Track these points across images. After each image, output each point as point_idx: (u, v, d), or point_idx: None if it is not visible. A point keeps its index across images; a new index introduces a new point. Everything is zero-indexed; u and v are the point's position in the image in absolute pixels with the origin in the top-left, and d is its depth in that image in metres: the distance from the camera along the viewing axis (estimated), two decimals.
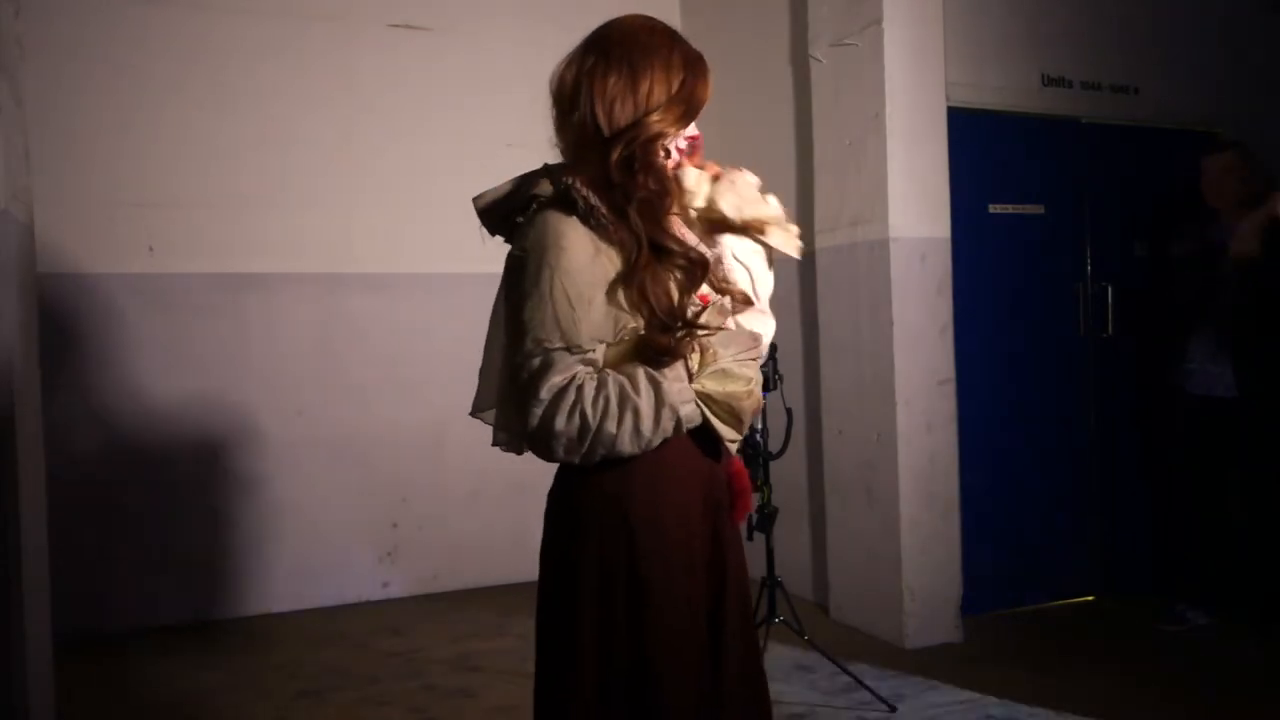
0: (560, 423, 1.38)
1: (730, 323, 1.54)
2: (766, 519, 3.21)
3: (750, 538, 3.19)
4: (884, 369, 3.78)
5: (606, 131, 1.47)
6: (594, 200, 1.41)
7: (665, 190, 1.49)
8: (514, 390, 1.44)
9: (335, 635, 4.11)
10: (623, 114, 1.47)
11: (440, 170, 4.59)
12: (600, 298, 1.41)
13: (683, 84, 1.51)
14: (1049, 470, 4.25)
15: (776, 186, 4.52)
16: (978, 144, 4.06)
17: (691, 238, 1.52)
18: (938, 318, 3.82)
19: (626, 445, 1.40)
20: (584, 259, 1.40)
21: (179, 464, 4.31)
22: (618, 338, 1.42)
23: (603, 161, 1.45)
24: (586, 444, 1.40)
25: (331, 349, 4.57)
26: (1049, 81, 4.27)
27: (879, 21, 3.73)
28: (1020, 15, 4.22)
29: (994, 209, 4.18)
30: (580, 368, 1.40)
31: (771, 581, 3.28)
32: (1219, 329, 3.84)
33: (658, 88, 1.49)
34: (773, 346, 3.25)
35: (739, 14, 4.88)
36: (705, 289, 1.51)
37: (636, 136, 1.46)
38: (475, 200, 1.56)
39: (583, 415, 1.38)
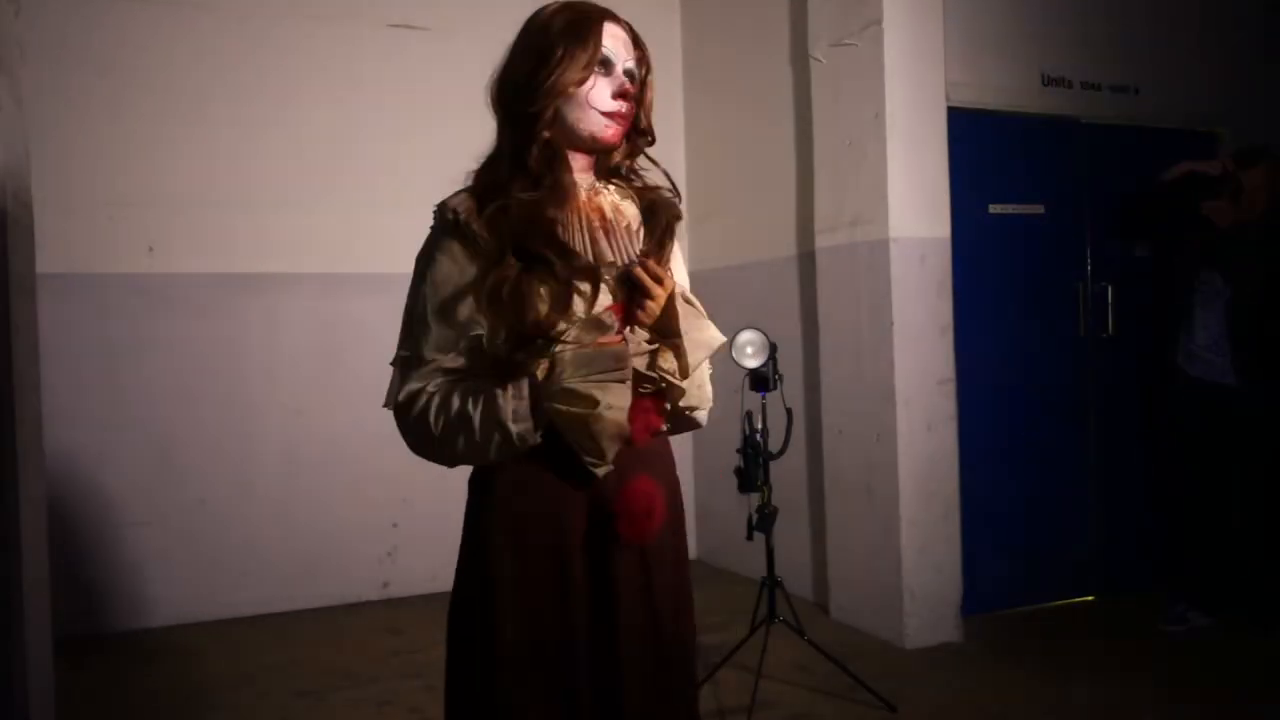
0: (408, 428, 1.48)
1: (635, 339, 1.47)
2: (766, 519, 3.21)
3: (750, 538, 3.20)
4: (884, 369, 3.78)
5: (499, 117, 1.51)
6: (463, 214, 1.44)
7: (556, 184, 1.46)
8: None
9: (335, 635, 4.11)
10: (503, 95, 1.50)
11: (440, 170, 4.57)
12: (462, 309, 1.43)
13: (563, 30, 1.47)
14: (1049, 470, 4.25)
15: (776, 186, 4.54)
16: (978, 144, 4.06)
17: (587, 244, 1.47)
18: (938, 318, 3.82)
19: (470, 457, 1.46)
20: (451, 271, 1.44)
21: (179, 464, 4.31)
22: (461, 348, 1.44)
23: (502, 163, 1.48)
24: (434, 450, 1.48)
25: (331, 349, 4.58)
26: (1049, 81, 4.27)
27: (879, 21, 3.73)
28: (1020, 15, 4.22)
29: (994, 209, 4.18)
30: (439, 378, 1.45)
31: (771, 581, 3.28)
32: (1219, 318, 3.85)
33: (529, 59, 1.48)
34: (772, 346, 3.25)
35: (739, 14, 4.88)
36: (614, 301, 1.46)
37: (519, 114, 1.47)
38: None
39: (426, 424, 1.45)
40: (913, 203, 3.78)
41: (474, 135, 2.05)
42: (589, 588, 1.48)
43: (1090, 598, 4.30)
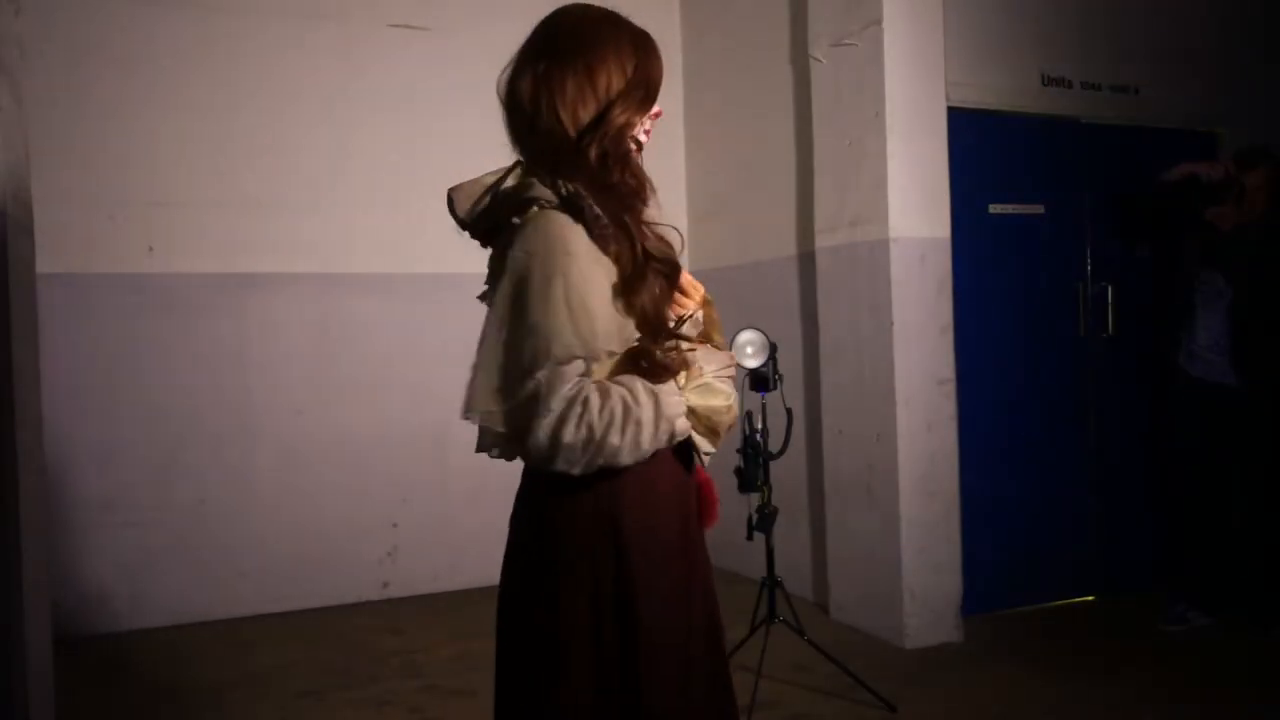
0: (568, 434, 1.35)
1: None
2: (766, 519, 3.21)
3: (750, 538, 3.20)
4: (884, 369, 3.78)
5: (574, 133, 1.44)
6: (598, 210, 1.38)
7: (641, 185, 1.47)
8: (517, 397, 1.38)
9: (335, 635, 4.11)
10: (586, 113, 1.44)
11: (440, 170, 4.56)
12: (609, 307, 1.39)
13: (637, 68, 1.47)
14: (1049, 470, 4.25)
15: (777, 186, 4.54)
16: (978, 144, 4.06)
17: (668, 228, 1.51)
18: (938, 318, 3.82)
19: (626, 457, 1.39)
20: (591, 267, 1.38)
21: (179, 464, 4.31)
22: (622, 346, 1.42)
23: (580, 164, 1.43)
24: (589, 455, 1.37)
25: (331, 349, 4.57)
26: (1049, 81, 4.27)
27: (879, 21, 3.73)
28: (1020, 15, 4.22)
29: (994, 209, 4.18)
30: (585, 380, 1.38)
31: (771, 581, 3.28)
32: (1220, 318, 3.85)
33: (615, 78, 1.45)
34: (773, 346, 3.25)
35: (739, 14, 4.88)
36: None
37: (606, 132, 1.44)
38: (456, 204, 1.51)
39: (589, 427, 1.35)
40: (913, 203, 3.78)
41: (473, 135, 2.05)
42: (703, 574, 1.54)
43: (1090, 598, 4.30)
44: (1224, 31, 4.64)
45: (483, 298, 1.52)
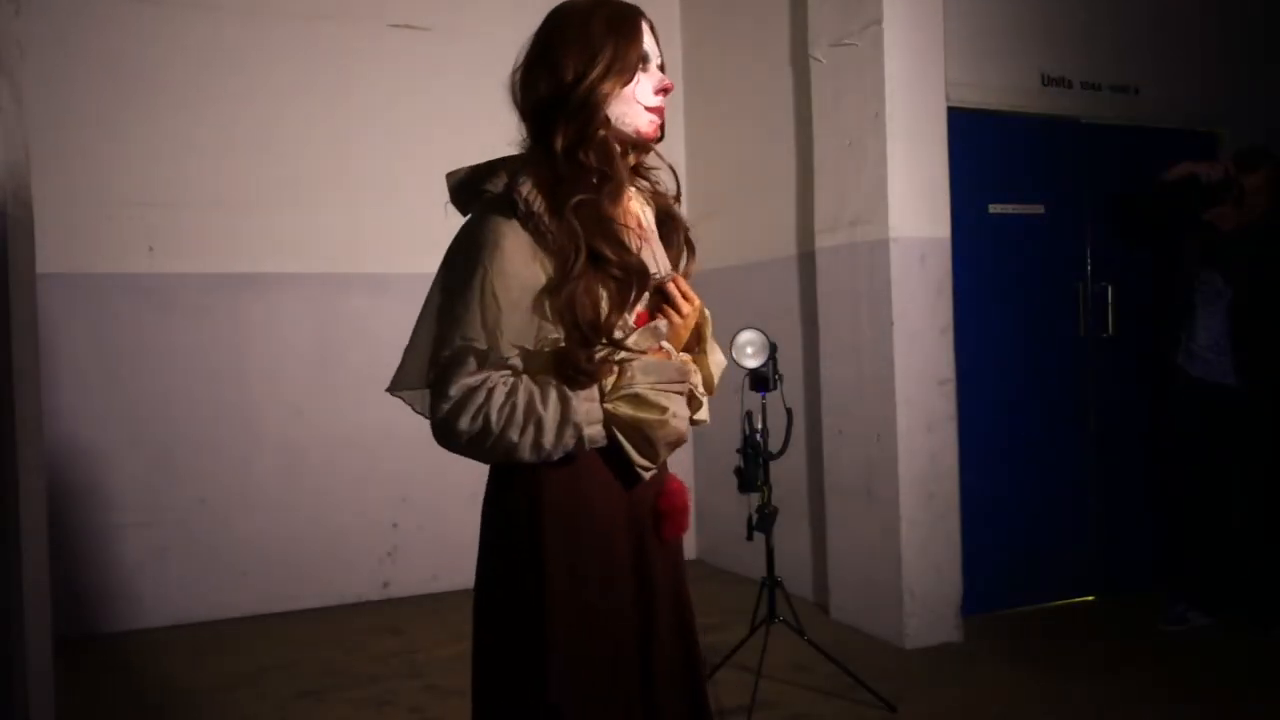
0: (464, 422, 1.38)
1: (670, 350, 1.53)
2: (766, 519, 3.21)
3: (750, 538, 3.20)
4: (884, 369, 3.78)
5: (542, 119, 1.44)
6: (536, 206, 1.39)
7: (614, 177, 1.45)
8: (429, 379, 1.45)
9: (335, 635, 4.11)
10: (550, 91, 1.44)
11: (440, 170, 4.55)
12: (528, 303, 1.39)
13: (605, 43, 1.45)
14: (1049, 470, 4.25)
15: (777, 186, 4.54)
16: (978, 144, 4.06)
17: (635, 248, 1.48)
18: (938, 318, 3.82)
19: (526, 454, 1.40)
20: (519, 263, 1.38)
21: (179, 464, 4.31)
22: (537, 346, 1.41)
23: (550, 149, 1.43)
24: (486, 446, 1.40)
25: (331, 349, 4.58)
26: (1049, 81, 4.27)
27: (879, 21, 3.73)
28: (1020, 15, 4.22)
29: (994, 209, 4.18)
30: (495, 372, 1.39)
31: (771, 581, 3.28)
32: (1220, 318, 3.85)
33: (577, 58, 1.44)
34: (772, 346, 3.25)
35: (739, 14, 4.88)
36: (643, 307, 1.50)
37: (569, 111, 1.42)
38: (449, 176, 1.55)
39: (486, 418, 1.38)
40: (913, 203, 3.78)
41: (474, 135, 2.05)
42: (633, 583, 1.52)
43: (1090, 598, 4.30)
44: (1224, 31, 4.64)
45: None
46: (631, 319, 1.47)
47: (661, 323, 1.50)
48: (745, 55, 4.83)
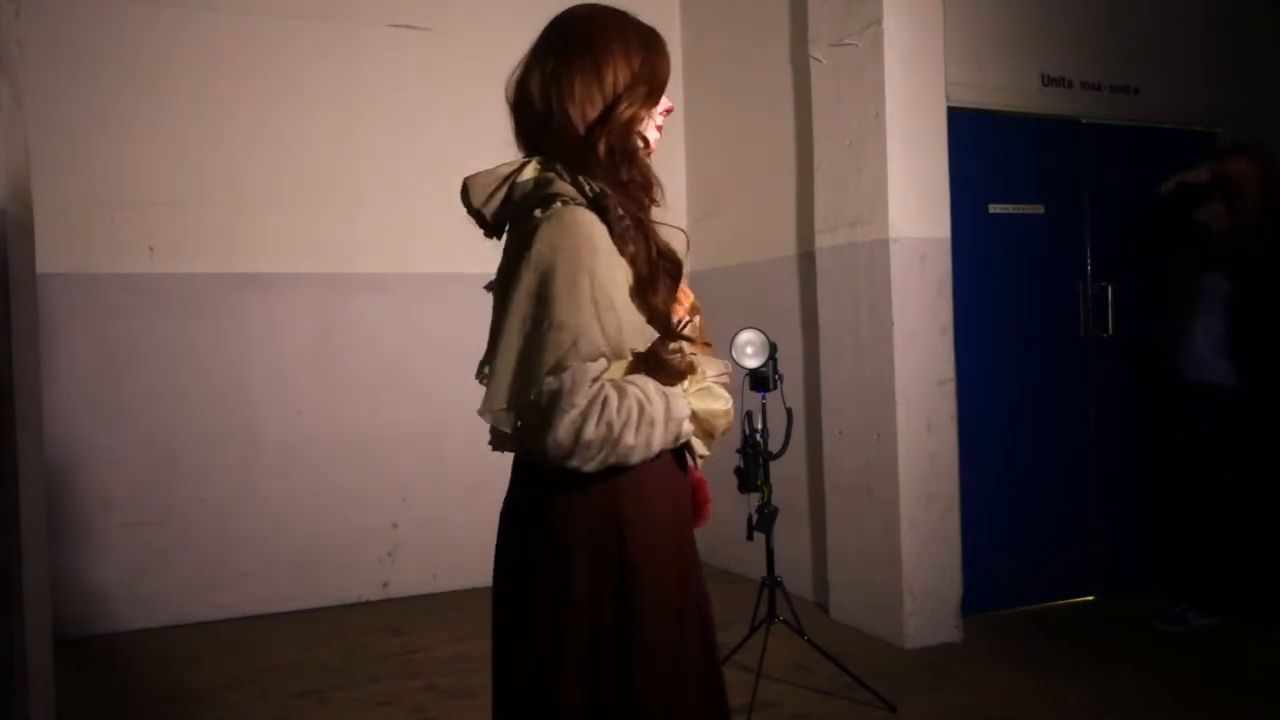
0: (589, 430, 1.34)
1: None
2: (766, 519, 3.21)
3: (750, 538, 3.20)
4: (884, 369, 3.78)
5: (582, 130, 1.44)
6: (621, 209, 1.39)
7: (649, 183, 1.47)
8: (538, 393, 1.36)
9: (335, 635, 4.11)
10: (593, 109, 1.45)
11: (440, 170, 4.58)
12: (630, 306, 1.39)
13: (643, 63, 1.48)
14: (1049, 470, 4.25)
15: (777, 186, 4.54)
16: (978, 144, 4.06)
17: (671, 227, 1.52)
18: (938, 318, 3.82)
19: (637, 455, 1.39)
20: (616, 264, 1.38)
21: (179, 464, 4.31)
22: (645, 346, 1.41)
23: (594, 162, 1.43)
24: (605, 452, 1.37)
25: (331, 349, 4.58)
26: (1049, 81, 4.27)
27: (879, 21, 3.73)
28: (1020, 15, 4.22)
29: (994, 209, 4.18)
30: (603, 378, 1.38)
31: (771, 581, 3.28)
32: (1220, 320, 3.85)
33: (621, 74, 1.46)
34: (772, 346, 3.25)
35: (739, 14, 4.88)
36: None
37: (612, 128, 1.44)
38: (471, 194, 1.50)
39: (609, 424, 1.35)
40: (913, 203, 3.78)
41: (474, 135, 2.05)
42: (695, 569, 1.56)
43: (1090, 598, 4.30)
44: (1224, 31, 4.64)
45: (489, 288, 1.53)
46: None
47: (697, 317, 1.55)
48: (745, 55, 4.83)
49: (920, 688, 3.32)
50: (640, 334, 1.39)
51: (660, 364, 1.42)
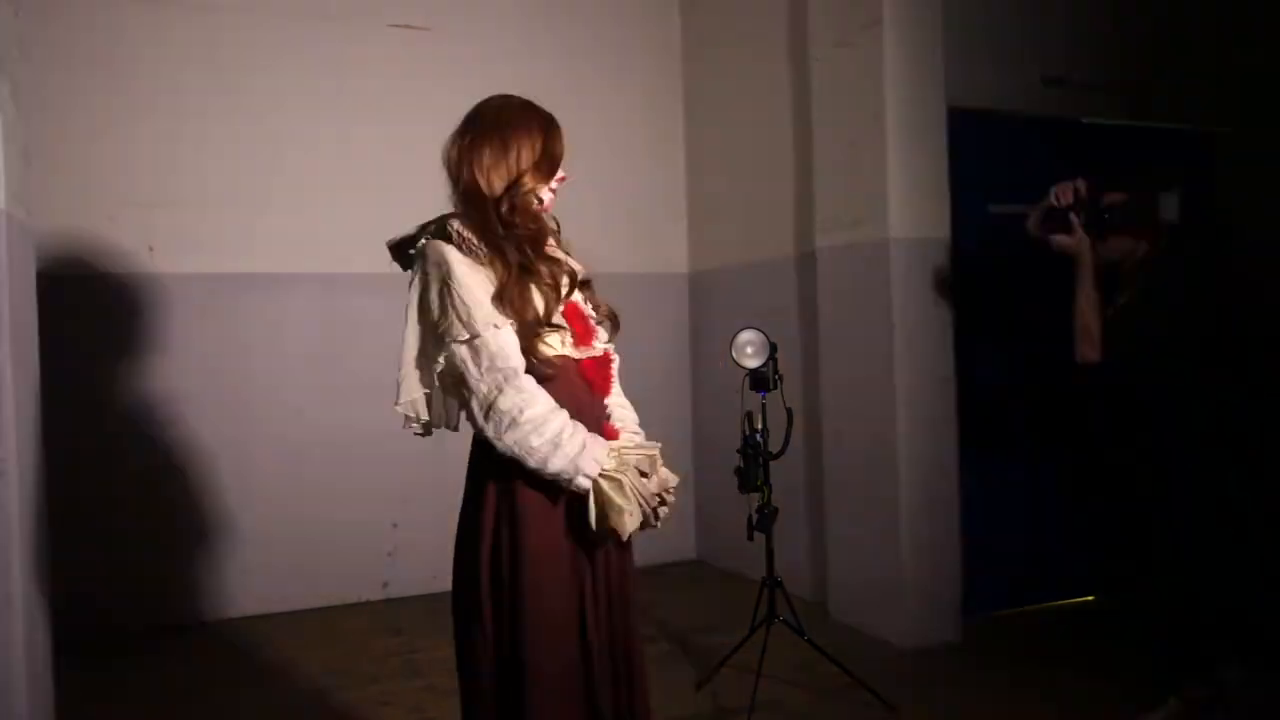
0: (503, 402, 1.75)
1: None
2: (766, 519, 3.21)
3: (750, 538, 3.20)
4: (884, 369, 3.78)
5: (488, 193, 1.84)
6: (465, 233, 1.79)
7: (540, 229, 1.88)
8: (455, 381, 1.83)
9: (335, 635, 4.12)
10: (499, 179, 1.85)
11: (440, 170, 4.58)
12: (485, 299, 1.76)
13: (544, 145, 1.88)
14: (1049, 470, 4.25)
15: (777, 186, 4.52)
16: (978, 144, 4.06)
17: (565, 259, 1.91)
18: (938, 318, 3.82)
19: (534, 459, 1.74)
20: (466, 270, 1.76)
21: (178, 464, 4.31)
22: (503, 325, 1.76)
23: (490, 212, 1.83)
24: (511, 430, 1.74)
25: (332, 349, 4.58)
26: (1049, 81, 4.27)
27: (879, 21, 3.73)
28: (1020, 15, 4.22)
29: (994, 209, 4.16)
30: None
31: (771, 581, 3.28)
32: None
33: (524, 152, 1.86)
34: (773, 346, 3.25)
35: (739, 14, 4.88)
36: (576, 299, 1.90)
37: (515, 194, 1.85)
38: (388, 241, 1.97)
39: (520, 410, 1.75)
40: (913, 203, 3.78)
41: None
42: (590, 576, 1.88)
43: (1090, 598, 4.30)
44: (1224, 31, 4.64)
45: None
46: (560, 309, 1.84)
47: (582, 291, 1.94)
48: (745, 55, 4.83)
49: (920, 688, 3.32)
50: (490, 319, 1.75)
51: (528, 347, 1.77)
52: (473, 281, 1.76)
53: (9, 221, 2.33)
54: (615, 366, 2.03)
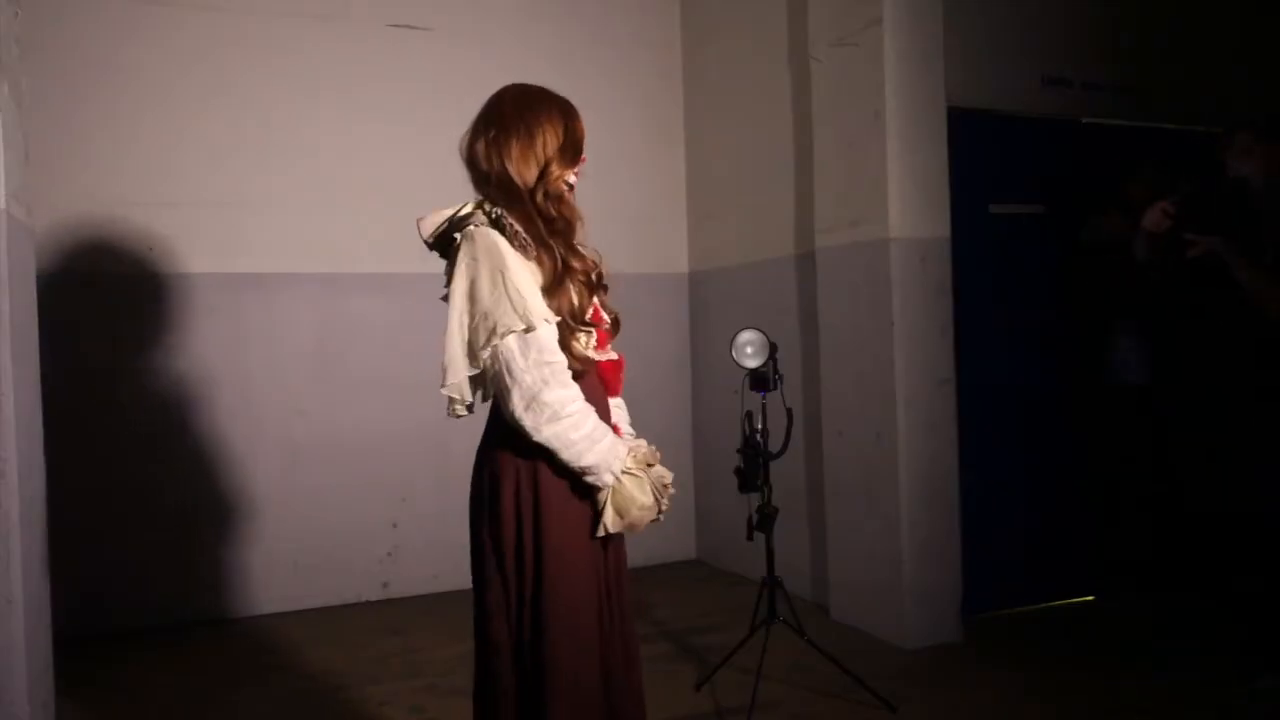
0: (547, 394, 1.76)
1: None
2: (766, 519, 3.21)
3: (750, 538, 3.20)
4: (884, 369, 3.78)
5: (522, 185, 1.87)
6: (518, 227, 1.82)
7: (571, 218, 1.92)
8: (496, 369, 1.79)
9: (335, 635, 4.12)
10: (529, 169, 1.88)
11: (440, 170, 4.57)
12: (538, 293, 1.79)
13: (566, 131, 1.91)
14: (1049, 470, 4.25)
15: (777, 186, 4.54)
16: (978, 144, 4.06)
17: (592, 256, 1.97)
18: (938, 318, 3.82)
19: (570, 452, 1.78)
20: (519, 263, 1.80)
21: (179, 464, 4.31)
22: (552, 321, 1.80)
23: (529, 205, 1.86)
24: (552, 424, 1.76)
25: (331, 349, 4.58)
26: (1049, 81, 4.27)
27: (879, 21, 3.73)
28: (1020, 16, 4.22)
29: (994, 209, 4.18)
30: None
31: (771, 581, 3.28)
32: (1135, 325, 4.09)
33: (550, 139, 1.89)
34: (773, 346, 3.25)
35: (739, 14, 4.88)
36: (597, 302, 1.95)
37: (547, 182, 1.89)
38: (421, 229, 1.93)
39: (560, 403, 1.78)
40: (913, 203, 3.78)
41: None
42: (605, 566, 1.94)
43: (1090, 598, 4.30)
44: (1224, 31, 4.64)
45: (445, 299, 1.88)
46: (591, 308, 1.89)
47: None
48: (745, 55, 4.83)
49: (920, 688, 3.32)
50: (543, 313, 1.78)
51: (565, 344, 1.81)
52: (525, 274, 1.78)
53: (9, 221, 2.33)
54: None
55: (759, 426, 3.21)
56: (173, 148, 4.33)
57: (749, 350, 3.24)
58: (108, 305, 4.23)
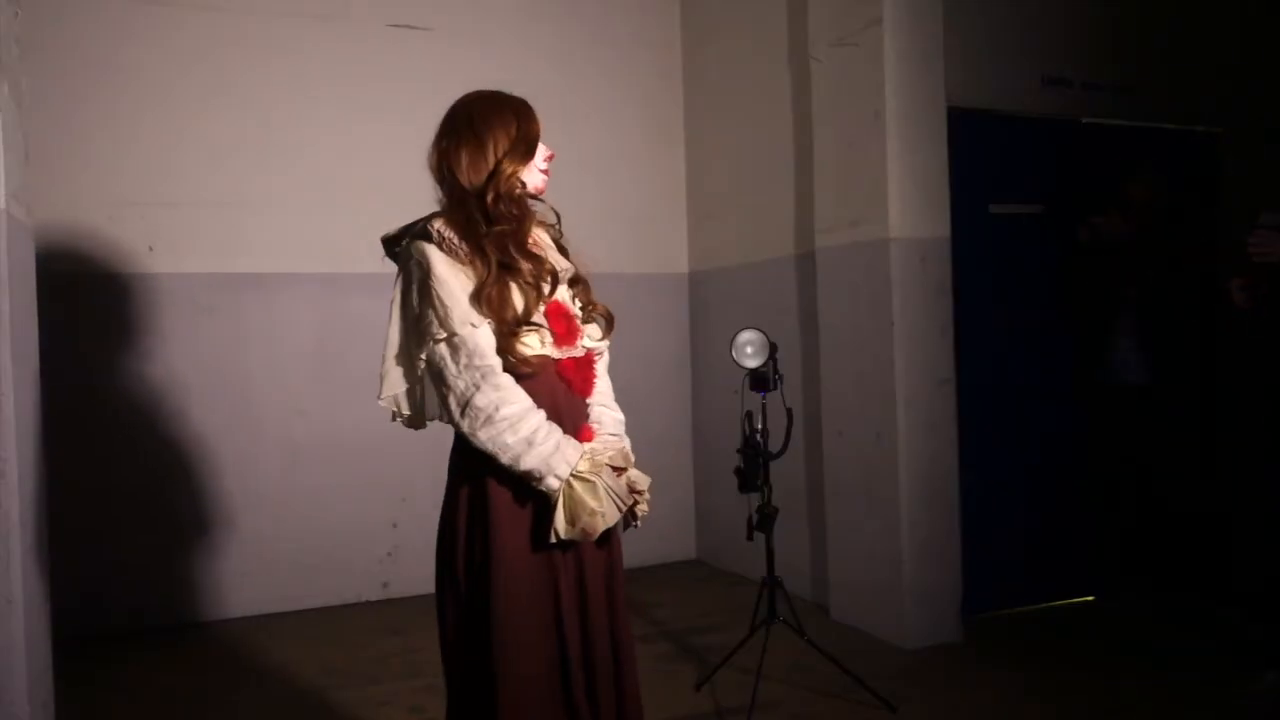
0: (479, 399, 1.77)
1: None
2: (766, 519, 3.21)
3: (750, 538, 3.20)
4: (884, 369, 3.78)
5: (469, 188, 1.88)
6: (446, 233, 1.83)
7: (524, 220, 1.91)
8: (418, 370, 1.86)
9: (335, 635, 4.11)
10: (478, 173, 1.89)
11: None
12: (464, 298, 1.80)
13: (517, 129, 1.92)
14: (1049, 470, 4.25)
15: (777, 186, 4.55)
16: (978, 144, 4.06)
17: (550, 256, 1.94)
18: (938, 318, 3.82)
19: (507, 455, 1.76)
20: (446, 269, 1.81)
21: (179, 464, 4.31)
22: (480, 325, 1.80)
23: (473, 209, 1.87)
24: (487, 427, 1.76)
25: (331, 349, 4.58)
26: (1049, 81, 4.27)
27: (879, 21, 3.73)
28: (1020, 16, 4.22)
29: (994, 209, 4.18)
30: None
31: (771, 581, 3.28)
32: (1135, 321, 4.18)
33: (500, 141, 1.90)
34: (773, 346, 3.25)
35: (739, 14, 4.88)
36: (563, 298, 1.92)
37: (499, 182, 1.89)
38: (382, 236, 2.00)
39: (496, 407, 1.77)
40: (913, 203, 3.78)
41: None
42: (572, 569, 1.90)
43: (1090, 598, 4.30)
44: (1223, 31, 4.64)
45: None
46: (541, 308, 1.86)
47: (574, 287, 1.98)
48: (745, 55, 4.83)
49: (920, 688, 3.32)
50: (467, 318, 1.78)
51: (506, 346, 1.80)
52: (452, 280, 1.80)
53: (9, 221, 2.33)
54: (601, 366, 2.04)
55: (759, 426, 3.21)
56: (173, 148, 4.33)
57: (749, 350, 3.24)
58: (108, 305, 4.23)
